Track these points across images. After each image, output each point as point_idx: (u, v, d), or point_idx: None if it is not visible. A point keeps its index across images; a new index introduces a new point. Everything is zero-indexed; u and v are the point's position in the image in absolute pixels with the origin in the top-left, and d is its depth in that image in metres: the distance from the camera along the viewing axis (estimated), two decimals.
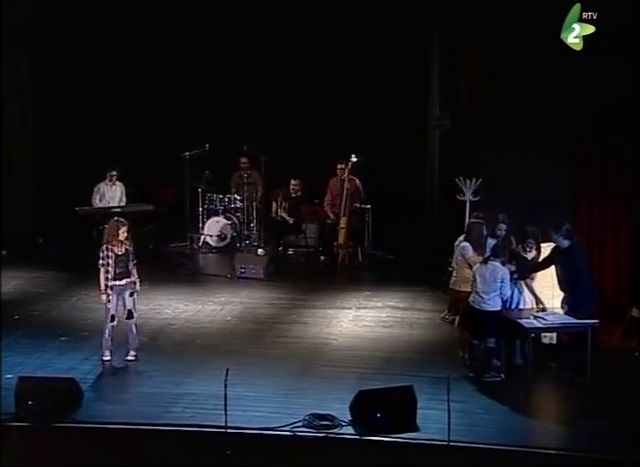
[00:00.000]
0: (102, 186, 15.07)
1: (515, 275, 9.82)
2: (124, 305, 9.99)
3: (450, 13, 12.98)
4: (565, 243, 9.69)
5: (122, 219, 10.18)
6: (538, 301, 9.97)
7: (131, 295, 10.02)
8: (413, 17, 13.95)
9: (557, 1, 10.85)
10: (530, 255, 10.14)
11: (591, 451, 7.97)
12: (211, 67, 15.46)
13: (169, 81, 15.41)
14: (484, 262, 9.65)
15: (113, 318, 9.96)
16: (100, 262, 9.94)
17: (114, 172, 14.94)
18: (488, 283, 9.46)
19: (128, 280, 9.99)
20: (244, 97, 15.42)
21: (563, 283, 9.78)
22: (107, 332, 9.97)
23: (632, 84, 10.65)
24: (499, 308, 9.55)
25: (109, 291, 9.91)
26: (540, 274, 10.20)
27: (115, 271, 9.93)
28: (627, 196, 11.05)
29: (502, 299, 9.57)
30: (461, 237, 10.59)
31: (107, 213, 14.47)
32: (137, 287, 10.05)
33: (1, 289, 12.35)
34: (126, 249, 10.00)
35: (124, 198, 15.17)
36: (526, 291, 10.12)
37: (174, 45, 15.21)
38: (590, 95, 11.04)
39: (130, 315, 10.00)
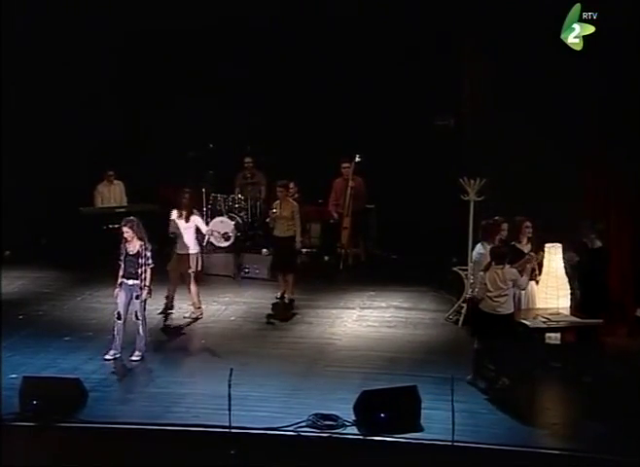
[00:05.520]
0: (100, 187, 15.14)
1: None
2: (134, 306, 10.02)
3: (454, 13, 12.98)
4: (598, 243, 9.64)
5: (127, 218, 10.18)
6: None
7: (137, 298, 10.01)
8: (417, 17, 13.97)
9: (558, 1, 10.85)
10: (527, 248, 10.08)
11: (595, 452, 7.95)
12: (215, 67, 15.46)
13: (174, 80, 15.42)
14: (487, 268, 9.49)
15: (119, 316, 9.99)
16: (120, 257, 10.09)
17: (111, 172, 15.08)
18: (502, 286, 9.28)
19: (136, 282, 9.99)
20: (248, 97, 15.41)
21: (585, 285, 9.66)
22: (115, 329, 10.02)
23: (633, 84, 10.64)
24: (512, 311, 9.42)
25: (117, 287, 9.98)
26: (545, 274, 10.19)
27: (125, 269, 9.96)
28: (632, 196, 11.04)
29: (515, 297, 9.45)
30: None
31: (111, 213, 14.52)
32: (142, 293, 9.98)
33: (1, 289, 12.34)
34: (139, 251, 9.97)
35: (125, 197, 15.23)
36: (529, 291, 10.11)
37: (178, 44, 15.21)
38: (593, 96, 11.03)
39: (137, 317, 10.02)
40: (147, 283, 9.94)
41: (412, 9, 13.82)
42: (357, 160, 14.17)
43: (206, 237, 15.09)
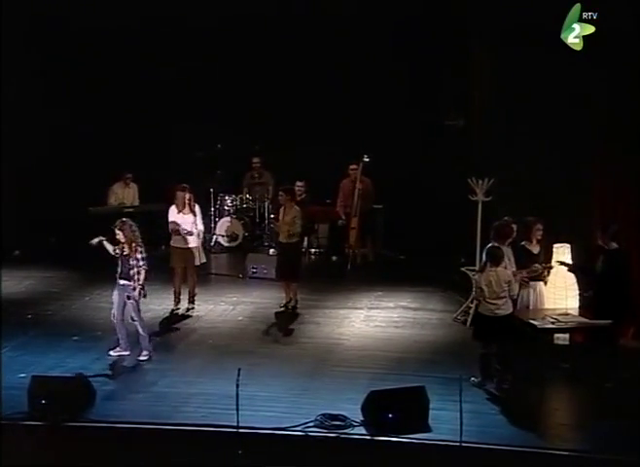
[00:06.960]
0: (116, 187, 15.24)
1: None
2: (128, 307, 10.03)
3: (463, 13, 12.99)
4: (613, 245, 9.63)
5: (121, 220, 10.11)
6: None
7: (128, 298, 9.97)
8: (426, 17, 13.98)
9: (558, 1, 10.84)
10: (536, 249, 10.06)
11: (604, 453, 7.92)
12: (219, 67, 15.48)
13: (181, 81, 15.45)
14: (482, 270, 9.46)
15: (114, 316, 10.05)
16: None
17: (129, 175, 15.21)
18: (496, 290, 9.23)
19: (127, 283, 9.98)
20: (254, 98, 15.42)
21: (605, 288, 9.63)
22: (116, 329, 10.04)
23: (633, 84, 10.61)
24: (511, 311, 9.41)
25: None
26: (553, 274, 10.17)
27: (120, 270, 9.99)
28: (638, 196, 11.00)
29: (512, 300, 9.41)
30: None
31: (120, 212, 14.55)
32: (134, 293, 9.92)
33: (1, 288, 12.35)
34: (129, 253, 9.94)
35: (137, 199, 15.31)
36: (538, 291, 10.08)
37: (186, 45, 15.25)
38: (600, 96, 11.01)
39: (132, 318, 10.03)
40: (139, 284, 9.91)
41: (421, 9, 13.83)
42: (365, 159, 14.18)
43: (214, 238, 15.23)
